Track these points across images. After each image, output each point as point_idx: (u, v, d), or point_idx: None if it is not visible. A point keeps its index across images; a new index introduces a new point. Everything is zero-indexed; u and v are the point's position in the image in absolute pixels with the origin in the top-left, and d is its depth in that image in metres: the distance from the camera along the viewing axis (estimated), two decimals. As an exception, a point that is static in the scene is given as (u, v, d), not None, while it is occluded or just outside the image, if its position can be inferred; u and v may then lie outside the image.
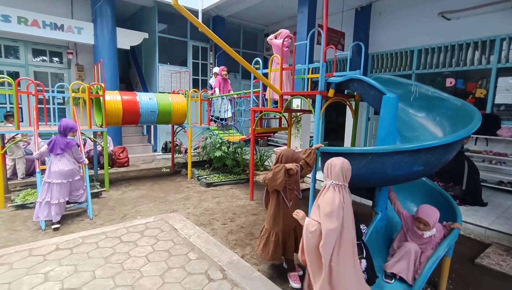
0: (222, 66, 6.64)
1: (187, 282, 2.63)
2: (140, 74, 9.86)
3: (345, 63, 7.91)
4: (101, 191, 5.11)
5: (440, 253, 2.33)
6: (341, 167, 2.10)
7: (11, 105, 7.36)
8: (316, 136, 3.69)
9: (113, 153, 7.23)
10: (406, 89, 3.56)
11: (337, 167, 2.11)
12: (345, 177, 2.12)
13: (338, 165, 2.11)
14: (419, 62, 6.85)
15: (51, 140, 3.87)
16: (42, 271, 2.74)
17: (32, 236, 3.50)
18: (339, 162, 2.13)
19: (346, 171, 2.12)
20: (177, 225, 3.80)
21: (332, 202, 2.04)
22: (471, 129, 2.45)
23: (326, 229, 2.00)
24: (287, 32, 4.77)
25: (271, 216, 2.72)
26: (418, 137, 3.13)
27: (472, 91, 6.13)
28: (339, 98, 3.93)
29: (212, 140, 6.47)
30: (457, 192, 4.47)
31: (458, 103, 3.03)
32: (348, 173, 2.14)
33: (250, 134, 4.99)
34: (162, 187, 5.74)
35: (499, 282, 2.83)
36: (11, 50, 7.58)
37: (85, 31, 7.44)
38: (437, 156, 2.40)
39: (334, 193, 2.08)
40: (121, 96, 5.67)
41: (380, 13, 7.41)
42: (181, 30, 9.32)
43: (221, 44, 3.40)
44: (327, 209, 2.03)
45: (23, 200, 4.48)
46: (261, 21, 10.57)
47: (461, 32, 6.10)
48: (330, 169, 2.14)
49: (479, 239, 3.73)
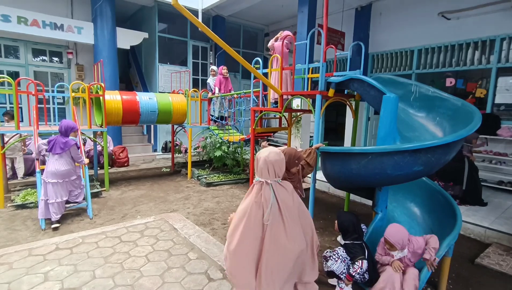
0: (222, 65, 6.63)
1: (187, 282, 2.63)
2: (140, 73, 9.85)
3: (345, 63, 7.90)
4: (101, 191, 5.10)
5: (440, 253, 2.33)
6: (265, 161, 1.75)
7: (11, 105, 7.36)
8: (316, 136, 3.69)
9: (113, 153, 7.23)
10: (406, 89, 3.56)
11: (261, 161, 1.76)
12: (271, 171, 1.76)
13: (262, 159, 1.76)
14: (419, 62, 6.85)
15: (50, 139, 3.87)
16: (42, 271, 2.74)
17: (32, 236, 3.50)
18: (264, 154, 1.78)
19: (273, 164, 1.75)
20: (177, 225, 3.80)
21: (242, 203, 1.80)
22: (471, 129, 2.45)
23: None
24: (288, 33, 4.76)
25: None
26: (418, 137, 3.13)
27: (472, 91, 6.13)
28: (339, 98, 3.92)
29: (212, 140, 6.47)
30: (457, 192, 4.47)
31: (458, 103, 3.03)
32: (276, 166, 1.77)
33: (250, 134, 4.99)
34: (162, 186, 5.73)
35: (499, 282, 2.83)
36: (11, 50, 7.57)
37: (85, 30, 7.44)
38: (437, 156, 2.40)
39: (252, 192, 1.79)
40: (121, 96, 5.67)
41: (380, 13, 7.41)
42: (181, 29, 9.32)
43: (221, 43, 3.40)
44: (238, 209, 1.83)
45: (23, 200, 4.47)
46: (261, 20, 10.57)
47: (461, 32, 6.09)
48: (256, 163, 1.81)
49: (479, 239, 3.73)
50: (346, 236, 2.53)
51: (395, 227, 2.40)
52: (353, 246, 2.45)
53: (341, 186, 3.56)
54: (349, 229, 2.50)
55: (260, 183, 1.78)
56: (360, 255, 2.39)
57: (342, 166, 2.86)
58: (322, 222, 4.11)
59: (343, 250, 2.52)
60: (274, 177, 1.78)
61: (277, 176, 1.80)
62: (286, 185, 1.86)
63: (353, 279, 2.41)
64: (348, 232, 2.51)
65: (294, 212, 1.83)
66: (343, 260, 2.45)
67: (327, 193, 5.58)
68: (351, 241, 2.48)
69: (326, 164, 3.12)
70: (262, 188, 1.78)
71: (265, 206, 1.74)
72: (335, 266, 2.44)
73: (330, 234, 3.75)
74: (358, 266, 2.34)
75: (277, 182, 1.81)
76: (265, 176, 1.76)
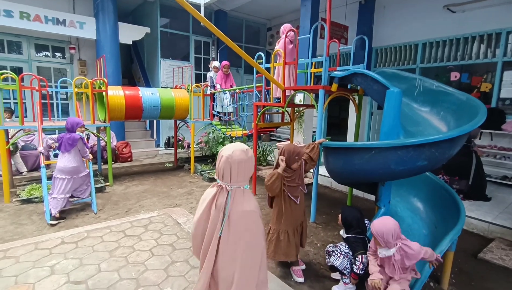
0: (225, 61, 6.58)
1: (191, 276, 2.66)
2: (143, 69, 9.84)
3: (348, 57, 7.84)
4: (105, 186, 5.14)
5: (443, 248, 2.33)
6: (227, 159, 1.44)
7: (15, 100, 7.40)
8: (319, 131, 3.68)
9: (116, 148, 7.26)
10: (410, 83, 3.53)
11: (222, 159, 1.45)
12: (233, 174, 1.44)
13: (224, 157, 1.45)
14: (423, 56, 6.77)
15: (59, 137, 3.96)
16: (48, 264, 2.78)
17: (38, 230, 3.55)
18: (227, 152, 1.45)
19: (237, 164, 1.43)
20: (180, 219, 3.83)
21: (203, 200, 1.54)
22: (475, 123, 2.43)
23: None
24: (289, 26, 4.70)
25: (279, 215, 2.63)
26: (422, 131, 3.11)
27: (477, 85, 6.07)
28: (342, 92, 3.90)
29: (215, 135, 6.48)
30: (463, 186, 4.45)
31: (463, 97, 3.00)
32: (241, 168, 1.45)
33: (252, 129, 4.99)
34: (165, 182, 5.77)
35: (502, 277, 2.83)
36: (14, 45, 7.58)
37: (87, 26, 7.42)
38: (441, 150, 2.39)
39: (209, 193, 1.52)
40: (124, 91, 5.68)
41: (384, 6, 7.31)
42: (183, 24, 9.27)
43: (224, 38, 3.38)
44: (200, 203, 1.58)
45: (28, 194, 4.52)
46: (263, 15, 10.48)
47: (466, 25, 6.01)
48: (217, 162, 1.50)
49: (482, 234, 3.72)
50: (349, 230, 2.54)
51: (383, 219, 2.18)
52: (355, 240, 2.46)
53: (344, 181, 3.56)
54: (352, 224, 2.51)
55: (219, 187, 1.48)
56: (360, 249, 2.40)
57: (345, 161, 2.86)
58: (324, 217, 4.12)
59: (346, 245, 2.53)
60: (236, 181, 1.45)
61: (241, 181, 1.47)
62: (249, 199, 1.51)
63: (358, 277, 2.42)
64: (352, 227, 2.51)
65: (239, 242, 1.47)
66: (346, 255, 2.46)
67: (330, 188, 5.59)
68: (353, 235, 2.49)
69: (329, 159, 3.12)
70: (217, 194, 1.47)
71: (216, 217, 1.46)
72: (338, 262, 2.45)
73: (333, 228, 3.76)
74: (360, 262, 2.36)
75: (239, 188, 1.47)
76: (226, 179, 1.44)
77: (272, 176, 2.45)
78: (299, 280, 2.65)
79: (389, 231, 2.07)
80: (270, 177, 2.46)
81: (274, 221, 2.68)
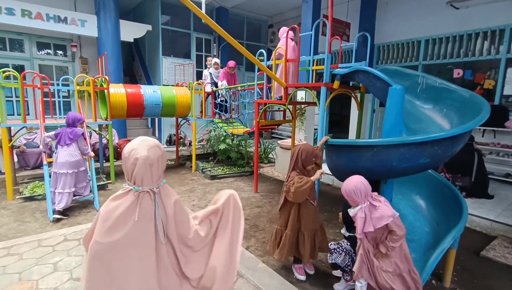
0: (232, 62, 6.52)
1: (193, 273, 2.66)
2: (144, 66, 9.84)
3: (350, 54, 7.80)
4: (107, 184, 5.16)
5: (445, 246, 2.32)
6: (145, 161, 1.26)
7: (17, 98, 7.42)
8: (321, 128, 3.67)
9: (118, 146, 7.28)
10: (413, 80, 3.50)
11: (140, 162, 1.26)
12: (155, 174, 1.29)
13: (141, 159, 1.26)
14: (426, 52, 6.73)
15: (58, 132, 3.92)
16: (51, 261, 2.80)
17: (41, 227, 3.57)
18: (142, 153, 1.26)
19: (157, 162, 1.29)
20: (182, 217, 3.83)
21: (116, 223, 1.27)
22: (479, 121, 2.41)
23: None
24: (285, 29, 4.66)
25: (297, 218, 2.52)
26: (424, 129, 3.09)
27: (480, 82, 6.02)
28: (344, 90, 3.88)
29: (216, 132, 6.48)
30: (465, 184, 4.43)
31: (466, 94, 2.97)
32: (160, 165, 1.31)
33: (254, 126, 4.98)
34: (167, 179, 5.76)
35: (505, 275, 2.83)
36: (16, 43, 7.60)
37: (89, 23, 7.42)
38: (444, 148, 2.37)
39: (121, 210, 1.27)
40: (125, 89, 5.68)
41: (387, 2, 7.26)
42: (185, 22, 9.25)
43: (225, 35, 3.37)
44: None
45: (31, 192, 4.55)
46: (265, 12, 10.43)
47: (470, 21, 5.95)
48: (125, 164, 1.30)
49: (485, 232, 3.71)
50: (350, 228, 2.54)
51: (351, 178, 2.08)
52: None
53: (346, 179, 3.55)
54: (353, 222, 2.50)
55: (137, 194, 1.26)
56: None
57: (347, 158, 2.85)
58: (326, 215, 4.12)
59: (347, 243, 2.53)
60: (158, 179, 1.30)
61: (162, 175, 1.32)
62: (168, 188, 1.39)
63: None
64: (353, 225, 2.50)
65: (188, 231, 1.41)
66: (347, 253, 2.46)
67: (331, 186, 5.58)
68: (355, 233, 2.48)
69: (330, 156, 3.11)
70: (138, 204, 1.26)
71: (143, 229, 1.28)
72: (340, 259, 2.45)
73: (334, 226, 3.76)
74: None
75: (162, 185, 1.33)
76: (147, 183, 1.26)
77: (305, 183, 2.33)
78: (301, 278, 2.65)
79: (353, 188, 1.99)
80: (301, 185, 2.33)
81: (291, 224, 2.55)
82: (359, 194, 2.00)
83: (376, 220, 1.95)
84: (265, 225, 3.75)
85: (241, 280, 2.58)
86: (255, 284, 2.51)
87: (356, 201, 2.02)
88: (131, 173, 1.26)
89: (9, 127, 4.64)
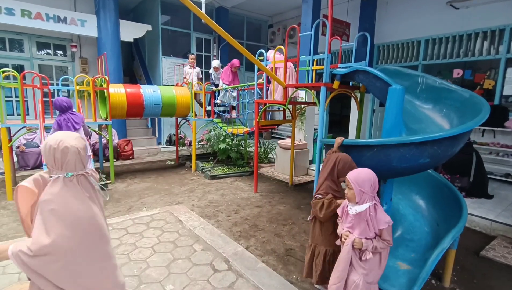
0: (237, 61, 6.54)
1: (193, 273, 2.67)
2: (144, 66, 9.84)
3: (350, 54, 7.80)
4: (106, 184, 5.16)
5: (445, 245, 2.32)
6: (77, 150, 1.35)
7: (17, 98, 7.42)
8: (321, 128, 3.67)
9: (118, 146, 7.28)
10: (412, 80, 3.50)
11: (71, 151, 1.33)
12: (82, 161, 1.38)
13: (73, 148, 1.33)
14: (426, 52, 6.73)
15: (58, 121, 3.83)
16: (51, 262, 2.79)
17: (41, 228, 3.56)
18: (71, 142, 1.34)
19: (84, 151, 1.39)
20: (182, 217, 3.83)
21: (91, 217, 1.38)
22: (479, 121, 2.41)
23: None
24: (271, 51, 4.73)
25: (332, 232, 2.30)
26: (424, 129, 3.09)
27: (480, 82, 6.03)
28: (344, 90, 3.88)
29: (216, 132, 6.48)
30: (464, 184, 4.44)
31: (466, 94, 2.97)
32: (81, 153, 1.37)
33: (254, 126, 4.98)
34: (167, 179, 5.78)
35: (504, 274, 2.83)
36: (16, 43, 7.60)
37: (88, 23, 7.41)
38: (444, 148, 2.37)
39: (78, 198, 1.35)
40: (125, 89, 5.68)
41: (387, 2, 7.26)
42: (184, 21, 9.25)
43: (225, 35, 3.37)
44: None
45: (31, 192, 4.54)
46: (265, 12, 10.43)
47: (470, 21, 5.96)
48: (51, 154, 1.34)
49: (485, 232, 3.72)
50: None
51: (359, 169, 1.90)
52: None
53: (346, 179, 3.55)
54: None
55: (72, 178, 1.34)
56: None
57: (347, 158, 2.84)
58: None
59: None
60: (85, 167, 1.40)
61: (86, 166, 1.40)
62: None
63: None
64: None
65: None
66: (348, 252, 2.45)
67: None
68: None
69: (330, 156, 3.11)
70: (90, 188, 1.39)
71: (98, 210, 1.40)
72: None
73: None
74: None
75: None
76: (80, 168, 1.36)
77: (333, 210, 2.17)
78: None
79: (368, 179, 1.78)
80: (328, 206, 2.20)
81: (328, 240, 2.32)
82: (371, 188, 1.79)
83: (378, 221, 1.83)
84: (265, 225, 3.75)
85: (241, 280, 2.58)
86: (255, 284, 2.51)
87: (366, 194, 1.78)
88: (61, 162, 1.33)
89: (9, 127, 4.63)
